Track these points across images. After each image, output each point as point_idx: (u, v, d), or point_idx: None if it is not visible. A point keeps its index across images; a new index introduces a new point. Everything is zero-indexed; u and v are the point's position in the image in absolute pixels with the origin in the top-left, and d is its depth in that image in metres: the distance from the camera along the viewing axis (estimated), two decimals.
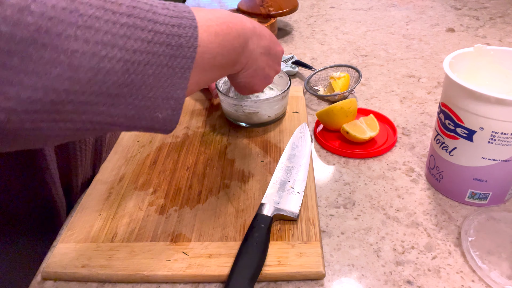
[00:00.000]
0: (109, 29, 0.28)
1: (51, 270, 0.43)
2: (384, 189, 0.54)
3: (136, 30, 0.29)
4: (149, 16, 0.30)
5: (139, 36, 0.30)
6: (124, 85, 0.30)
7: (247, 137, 0.63)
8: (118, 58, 0.29)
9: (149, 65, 0.31)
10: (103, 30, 0.28)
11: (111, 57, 0.28)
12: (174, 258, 0.44)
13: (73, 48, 0.26)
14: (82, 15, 0.27)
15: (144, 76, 0.31)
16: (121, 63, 0.29)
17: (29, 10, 0.25)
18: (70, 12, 0.26)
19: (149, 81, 0.31)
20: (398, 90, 0.77)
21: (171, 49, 0.32)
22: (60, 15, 0.26)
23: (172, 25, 0.32)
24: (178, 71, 0.33)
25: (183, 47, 0.32)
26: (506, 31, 1.00)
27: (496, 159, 0.45)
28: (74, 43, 0.26)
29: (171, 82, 0.33)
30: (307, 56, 0.91)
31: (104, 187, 0.54)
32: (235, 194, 0.52)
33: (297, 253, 0.43)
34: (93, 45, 0.27)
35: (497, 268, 0.42)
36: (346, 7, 1.22)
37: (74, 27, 0.26)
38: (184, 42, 0.32)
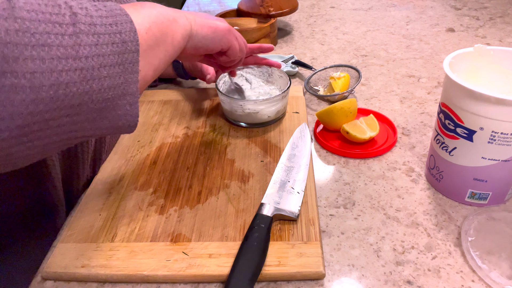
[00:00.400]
0: (60, 42, 0.28)
1: (51, 270, 0.43)
2: (384, 189, 0.54)
3: (82, 36, 0.30)
4: (88, 21, 0.31)
5: (86, 41, 0.30)
6: (84, 93, 0.30)
7: (247, 137, 0.63)
8: (74, 68, 0.29)
9: (102, 67, 0.31)
10: (55, 45, 0.28)
11: (67, 69, 0.29)
12: (174, 258, 0.44)
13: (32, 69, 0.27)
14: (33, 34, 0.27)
15: (100, 79, 0.31)
16: (77, 72, 0.29)
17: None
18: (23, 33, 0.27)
19: (105, 83, 0.32)
20: (398, 90, 0.77)
21: (117, 46, 0.32)
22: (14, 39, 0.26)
23: (110, 24, 0.32)
24: (127, 66, 0.33)
25: (126, 42, 0.33)
26: (506, 31, 1.00)
27: (496, 159, 0.45)
28: (31, 64, 0.27)
29: (124, 79, 0.33)
30: (307, 56, 0.91)
31: (104, 187, 0.54)
32: (235, 194, 0.52)
33: (297, 253, 0.43)
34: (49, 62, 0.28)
35: (497, 268, 0.42)
36: (346, 7, 1.22)
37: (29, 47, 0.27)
38: (126, 37, 0.33)
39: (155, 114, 0.69)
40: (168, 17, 0.40)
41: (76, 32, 0.30)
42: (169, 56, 0.41)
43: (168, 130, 0.65)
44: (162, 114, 0.69)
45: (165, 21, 0.40)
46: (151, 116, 0.69)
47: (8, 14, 0.26)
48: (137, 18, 0.36)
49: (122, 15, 0.34)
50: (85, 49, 0.30)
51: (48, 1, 0.29)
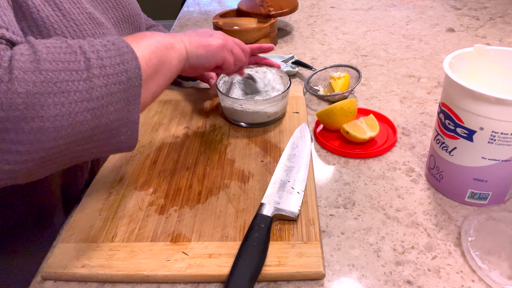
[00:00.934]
0: (76, 87, 0.33)
1: (51, 270, 0.43)
2: (384, 189, 0.54)
3: (95, 80, 0.35)
4: (99, 64, 0.35)
5: (97, 84, 0.35)
6: (94, 127, 0.35)
7: (247, 137, 0.63)
8: (88, 108, 0.34)
9: (110, 104, 0.36)
10: (72, 90, 0.33)
11: (82, 110, 0.34)
12: (174, 258, 0.44)
13: (54, 114, 0.32)
14: (55, 83, 0.32)
15: (108, 115, 0.36)
16: (90, 112, 0.34)
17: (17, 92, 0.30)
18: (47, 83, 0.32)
19: (112, 117, 0.36)
20: (398, 90, 0.77)
21: (123, 84, 0.36)
22: (40, 89, 0.31)
23: (117, 64, 0.36)
24: (131, 100, 0.38)
25: (131, 79, 0.37)
26: (506, 31, 1.00)
27: (496, 159, 0.45)
28: (54, 109, 0.32)
29: (127, 110, 0.38)
30: (307, 56, 0.91)
31: (104, 187, 0.54)
32: (235, 194, 0.52)
33: (297, 253, 0.43)
34: (68, 106, 0.33)
35: (497, 268, 0.42)
36: (346, 7, 1.22)
37: (52, 95, 0.32)
38: (131, 74, 0.37)
39: (155, 114, 0.69)
40: (166, 44, 0.44)
41: (89, 77, 0.34)
42: (167, 80, 0.45)
43: (168, 130, 0.65)
44: (162, 114, 0.69)
45: (163, 49, 0.43)
46: (151, 116, 0.69)
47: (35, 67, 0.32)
48: (138, 50, 0.39)
49: (129, 52, 0.38)
50: (97, 91, 0.35)
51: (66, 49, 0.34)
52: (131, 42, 0.40)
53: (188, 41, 0.49)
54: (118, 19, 0.60)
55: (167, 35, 0.46)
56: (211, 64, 0.53)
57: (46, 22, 0.45)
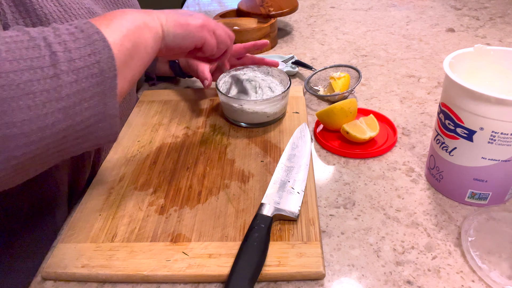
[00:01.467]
0: (43, 87, 0.31)
1: (51, 270, 0.43)
2: (384, 189, 0.54)
3: (63, 76, 0.32)
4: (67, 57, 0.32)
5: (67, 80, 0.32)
6: (68, 127, 0.33)
7: (247, 137, 0.63)
8: (58, 108, 0.32)
9: (84, 100, 0.33)
10: (39, 91, 0.30)
11: (52, 111, 0.31)
12: (174, 258, 0.44)
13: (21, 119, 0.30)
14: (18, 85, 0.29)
15: (82, 112, 0.33)
16: (61, 112, 0.32)
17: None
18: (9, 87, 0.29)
19: (87, 114, 0.34)
20: (398, 90, 0.77)
21: (96, 77, 0.34)
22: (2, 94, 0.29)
23: (88, 55, 0.33)
24: (107, 93, 0.35)
25: (104, 71, 0.34)
26: (506, 31, 1.00)
27: (496, 159, 0.45)
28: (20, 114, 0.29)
29: (104, 103, 0.35)
30: (307, 56, 0.91)
31: (104, 187, 0.54)
32: (235, 194, 0.52)
33: (297, 253, 0.43)
34: (35, 108, 0.30)
35: (497, 268, 0.42)
36: (346, 7, 1.22)
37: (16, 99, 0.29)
38: (104, 65, 0.34)
39: (155, 114, 0.69)
40: (139, 24, 0.40)
41: (56, 74, 0.31)
42: (144, 63, 0.41)
43: (168, 130, 0.65)
44: (162, 114, 0.69)
45: (136, 29, 0.40)
46: (151, 116, 0.69)
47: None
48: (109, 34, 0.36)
49: (99, 40, 0.34)
50: (67, 88, 0.32)
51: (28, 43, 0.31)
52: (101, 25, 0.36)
53: (165, 19, 0.45)
54: None
55: (140, 11, 0.42)
56: (189, 45, 0.48)
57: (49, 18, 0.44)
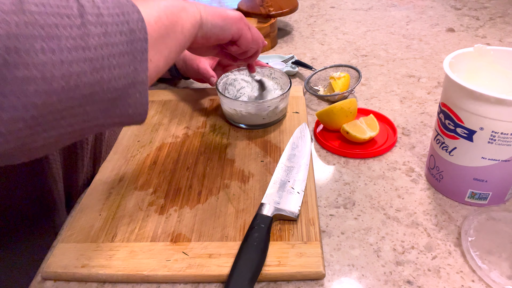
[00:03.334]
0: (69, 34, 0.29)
1: (51, 270, 0.43)
2: (384, 189, 0.54)
3: (91, 27, 0.30)
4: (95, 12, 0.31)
5: (95, 32, 0.30)
6: (95, 82, 0.31)
7: (247, 137, 0.63)
8: (84, 58, 0.30)
9: (112, 56, 0.31)
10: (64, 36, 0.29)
11: (77, 59, 0.29)
12: (174, 258, 0.44)
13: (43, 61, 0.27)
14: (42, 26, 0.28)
15: (110, 68, 0.32)
16: (88, 63, 0.30)
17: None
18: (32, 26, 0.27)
19: (115, 72, 0.32)
20: (398, 90, 0.77)
21: (125, 35, 0.32)
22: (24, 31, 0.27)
23: (117, 14, 0.32)
24: (137, 55, 0.33)
25: (134, 31, 0.33)
26: (506, 31, 1.00)
27: (496, 159, 0.45)
28: (42, 56, 0.27)
29: (134, 67, 0.33)
30: (307, 56, 0.91)
31: (104, 187, 0.54)
32: (235, 194, 0.52)
33: (297, 253, 0.43)
34: (59, 53, 0.28)
35: (497, 268, 0.42)
36: (346, 7, 1.22)
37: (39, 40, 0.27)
38: (134, 26, 0.33)
39: (155, 114, 0.69)
40: (178, 6, 0.40)
41: (84, 23, 0.30)
42: (180, 45, 0.41)
43: (168, 130, 0.65)
44: (162, 114, 0.69)
45: (174, 10, 0.40)
46: (151, 116, 0.69)
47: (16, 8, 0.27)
48: (145, 8, 0.36)
49: (129, 5, 0.34)
50: (94, 39, 0.30)
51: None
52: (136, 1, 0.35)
53: (204, 9, 0.45)
54: None
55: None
56: (227, 36, 0.48)
57: None
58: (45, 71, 0.28)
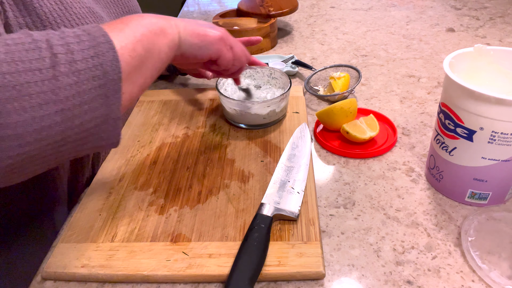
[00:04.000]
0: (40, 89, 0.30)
1: (51, 270, 0.43)
2: (384, 189, 0.54)
3: (62, 78, 0.31)
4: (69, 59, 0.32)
5: (67, 82, 0.31)
6: (67, 129, 0.32)
7: (247, 137, 0.63)
8: (55, 111, 0.31)
9: (84, 103, 0.32)
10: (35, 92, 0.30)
11: (48, 113, 0.30)
12: (174, 258, 0.44)
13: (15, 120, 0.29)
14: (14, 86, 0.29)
15: (81, 114, 0.32)
16: (59, 114, 0.31)
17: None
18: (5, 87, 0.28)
19: (86, 117, 0.33)
20: (398, 90, 0.77)
21: (98, 79, 0.33)
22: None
23: (91, 57, 0.33)
24: (110, 95, 0.34)
25: (108, 73, 0.33)
26: (506, 31, 1.00)
27: (496, 159, 0.45)
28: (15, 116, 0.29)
29: (107, 106, 0.34)
30: (307, 56, 0.91)
31: (104, 187, 0.54)
32: (235, 194, 0.52)
33: (297, 253, 0.43)
34: (31, 110, 0.29)
35: (497, 268, 0.42)
36: (346, 7, 1.22)
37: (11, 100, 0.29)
38: (108, 68, 0.33)
39: (155, 114, 0.69)
40: (155, 30, 0.40)
41: (55, 76, 0.31)
42: (156, 69, 0.41)
43: (168, 130, 0.65)
44: (162, 114, 0.69)
45: (151, 35, 0.39)
46: (151, 116, 0.69)
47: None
48: (121, 40, 0.36)
49: (104, 43, 0.34)
50: (66, 90, 0.31)
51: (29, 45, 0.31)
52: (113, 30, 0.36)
53: (183, 27, 0.44)
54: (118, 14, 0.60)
55: (159, 17, 0.42)
56: (204, 56, 0.47)
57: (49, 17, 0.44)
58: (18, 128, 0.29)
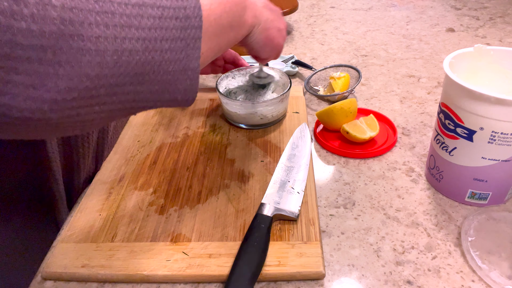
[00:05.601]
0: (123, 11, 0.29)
1: (51, 270, 0.43)
2: (384, 189, 0.54)
3: (146, 8, 0.31)
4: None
5: (150, 13, 0.31)
6: (146, 62, 0.31)
7: (247, 137, 0.63)
8: (136, 37, 0.30)
9: (164, 40, 0.32)
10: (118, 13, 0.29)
11: (130, 37, 0.30)
12: (174, 258, 0.44)
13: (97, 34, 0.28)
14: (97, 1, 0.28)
15: (162, 51, 0.32)
16: (140, 42, 0.30)
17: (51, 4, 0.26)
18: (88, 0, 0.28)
19: (167, 56, 0.32)
20: (398, 90, 0.77)
21: (180, 21, 0.33)
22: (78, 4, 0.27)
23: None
24: (190, 42, 0.34)
25: (190, 18, 0.33)
26: (506, 31, 1.00)
27: (496, 159, 0.45)
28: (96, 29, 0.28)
29: (186, 53, 0.34)
30: (307, 56, 0.91)
31: (104, 187, 0.54)
32: (235, 194, 0.52)
33: (297, 253, 0.43)
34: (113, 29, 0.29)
35: (497, 268, 0.42)
36: (346, 7, 1.22)
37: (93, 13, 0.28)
38: (190, 12, 0.33)
39: (155, 114, 0.69)
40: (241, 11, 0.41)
41: (139, 4, 0.30)
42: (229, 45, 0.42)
43: (168, 130, 0.65)
44: (162, 114, 0.69)
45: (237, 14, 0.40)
46: (151, 116, 0.69)
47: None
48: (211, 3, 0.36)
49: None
50: (149, 20, 0.31)
51: None
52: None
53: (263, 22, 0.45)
54: None
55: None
56: (258, 54, 0.50)
57: None
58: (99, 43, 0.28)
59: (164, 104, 0.36)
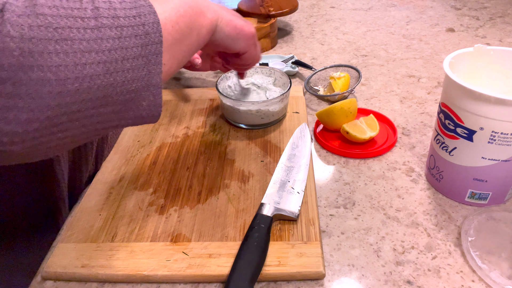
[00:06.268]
0: (82, 36, 0.29)
1: (51, 270, 0.43)
2: (384, 189, 0.54)
3: (105, 30, 0.30)
4: (111, 14, 0.31)
5: (109, 35, 0.31)
6: (108, 85, 0.31)
7: (247, 137, 0.63)
8: (97, 61, 0.30)
9: (126, 60, 0.32)
10: (77, 39, 0.29)
11: (91, 62, 0.29)
12: (174, 258, 0.44)
13: (57, 63, 0.28)
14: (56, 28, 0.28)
15: (123, 71, 0.32)
16: (101, 65, 0.30)
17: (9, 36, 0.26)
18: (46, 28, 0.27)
19: (129, 75, 0.32)
20: (398, 90, 0.77)
21: (140, 38, 0.32)
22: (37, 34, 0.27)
23: (133, 16, 0.32)
24: (151, 58, 0.33)
25: (149, 34, 0.33)
26: (506, 31, 1.00)
27: (496, 159, 0.45)
28: (56, 58, 0.28)
29: (147, 70, 0.33)
30: (307, 56, 0.91)
31: (104, 187, 0.54)
32: (235, 194, 0.52)
33: (297, 253, 0.43)
34: (73, 56, 0.28)
35: (497, 268, 0.42)
36: (346, 7, 1.22)
37: (53, 42, 0.28)
38: (149, 29, 0.33)
39: None
40: (196, 10, 0.40)
41: (98, 26, 0.30)
42: (193, 49, 0.41)
43: (168, 130, 0.65)
44: (162, 114, 0.69)
45: (193, 14, 0.39)
46: None
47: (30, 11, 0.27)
48: (164, 11, 0.36)
49: (146, 6, 0.34)
50: (108, 42, 0.30)
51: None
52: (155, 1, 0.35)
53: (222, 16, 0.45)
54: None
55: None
56: (235, 48, 0.49)
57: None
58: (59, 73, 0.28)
59: (129, 122, 0.35)
